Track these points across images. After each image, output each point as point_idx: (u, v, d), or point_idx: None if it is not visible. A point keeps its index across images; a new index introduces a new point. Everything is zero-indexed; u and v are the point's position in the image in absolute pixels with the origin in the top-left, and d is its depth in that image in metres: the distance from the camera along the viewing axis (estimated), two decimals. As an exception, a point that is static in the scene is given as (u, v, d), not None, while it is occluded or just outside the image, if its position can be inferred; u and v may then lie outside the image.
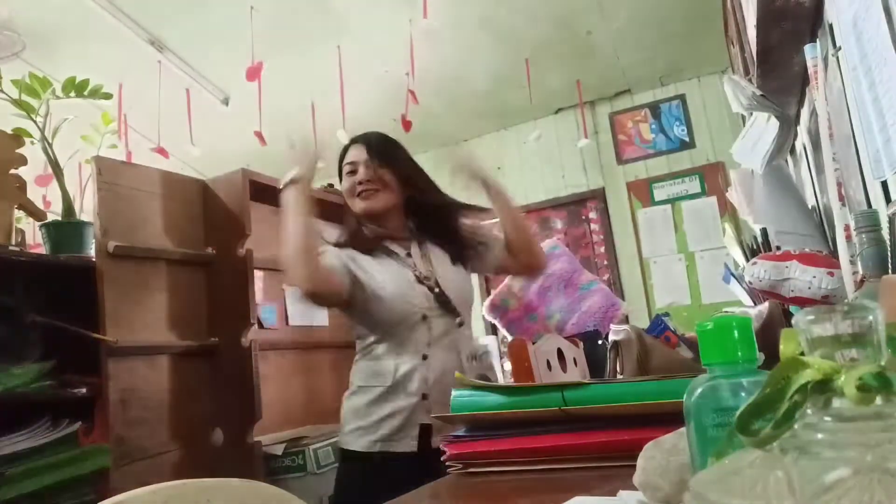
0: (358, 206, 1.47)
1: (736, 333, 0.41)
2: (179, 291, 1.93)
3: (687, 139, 4.34)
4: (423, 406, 1.36)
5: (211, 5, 3.51)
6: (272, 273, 2.29)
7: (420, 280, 1.45)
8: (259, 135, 3.74)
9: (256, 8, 3.44)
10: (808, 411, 0.28)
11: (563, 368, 1.21)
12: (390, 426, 1.36)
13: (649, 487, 0.52)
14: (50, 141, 1.76)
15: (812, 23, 1.51)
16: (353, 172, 1.48)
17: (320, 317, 2.48)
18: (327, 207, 2.44)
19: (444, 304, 1.44)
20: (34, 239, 2.35)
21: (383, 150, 1.50)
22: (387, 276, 1.43)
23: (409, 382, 1.38)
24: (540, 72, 4.04)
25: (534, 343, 1.15)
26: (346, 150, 1.54)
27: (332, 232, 1.56)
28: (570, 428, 0.81)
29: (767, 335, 1.06)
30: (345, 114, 3.82)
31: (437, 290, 1.45)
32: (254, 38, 3.46)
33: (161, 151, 3.82)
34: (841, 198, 1.41)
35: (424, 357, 1.40)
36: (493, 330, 4.51)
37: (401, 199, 1.51)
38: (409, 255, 1.50)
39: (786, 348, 0.33)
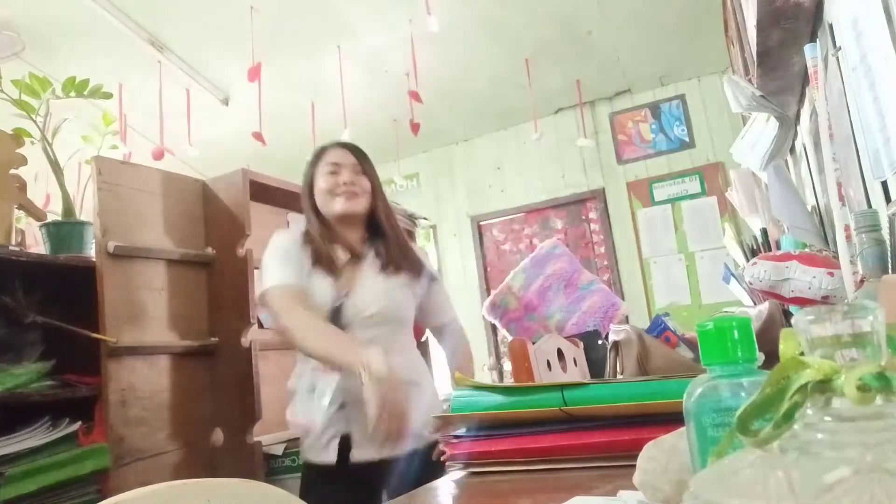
0: (339, 205, 1.47)
1: (736, 333, 0.41)
2: (179, 291, 1.93)
3: (687, 139, 4.34)
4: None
5: (211, 5, 3.51)
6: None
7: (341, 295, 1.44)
8: (259, 136, 3.74)
9: (256, 8, 3.44)
10: (808, 411, 0.28)
11: (563, 368, 1.21)
12: None
13: (649, 487, 0.52)
14: (50, 141, 1.76)
15: (812, 23, 1.51)
16: (335, 173, 1.49)
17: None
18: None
19: (336, 319, 1.43)
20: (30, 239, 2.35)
21: (365, 159, 1.55)
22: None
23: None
24: (540, 72, 4.04)
25: (534, 343, 1.15)
26: (322, 151, 1.54)
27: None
28: (570, 428, 0.81)
29: (767, 335, 1.06)
30: (345, 114, 3.82)
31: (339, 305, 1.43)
32: (254, 38, 3.46)
33: (160, 154, 3.81)
34: (841, 198, 1.41)
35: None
36: (493, 330, 4.52)
37: (370, 208, 1.53)
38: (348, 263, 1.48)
39: (786, 348, 0.33)
